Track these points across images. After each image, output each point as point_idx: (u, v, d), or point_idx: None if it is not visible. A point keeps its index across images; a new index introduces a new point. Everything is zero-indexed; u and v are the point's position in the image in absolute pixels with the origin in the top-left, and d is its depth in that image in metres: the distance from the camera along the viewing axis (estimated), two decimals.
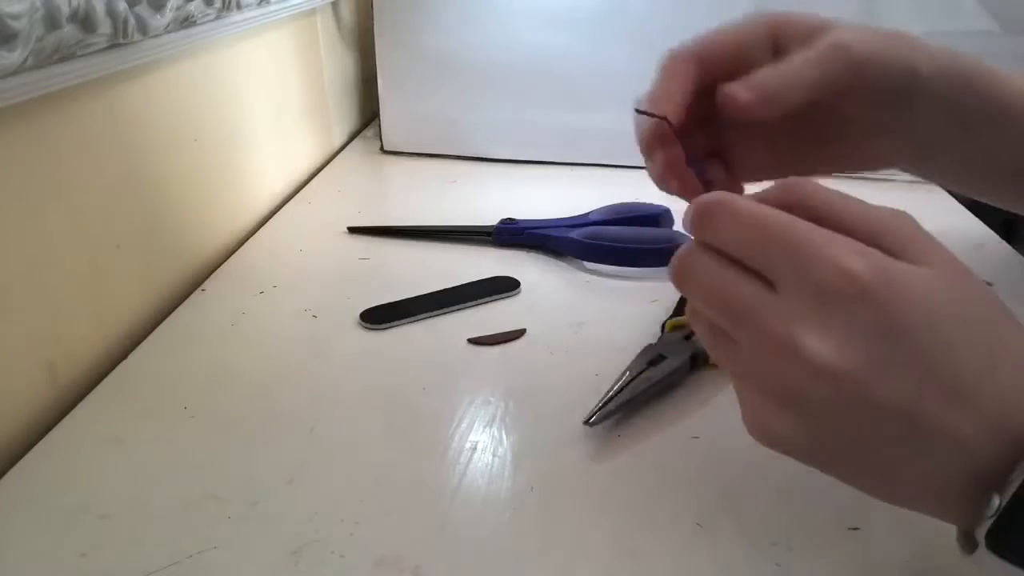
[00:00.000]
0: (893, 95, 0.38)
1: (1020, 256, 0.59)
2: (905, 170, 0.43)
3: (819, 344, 0.25)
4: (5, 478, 0.37)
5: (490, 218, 0.63)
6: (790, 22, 0.38)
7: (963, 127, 0.40)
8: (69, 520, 0.34)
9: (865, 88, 0.37)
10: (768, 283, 0.27)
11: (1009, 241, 0.61)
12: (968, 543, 0.26)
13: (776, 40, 0.38)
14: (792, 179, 0.29)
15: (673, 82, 0.37)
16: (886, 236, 0.27)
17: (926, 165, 0.42)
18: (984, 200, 0.46)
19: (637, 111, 0.37)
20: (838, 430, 0.26)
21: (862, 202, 0.28)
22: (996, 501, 0.25)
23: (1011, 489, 0.24)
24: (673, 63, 0.38)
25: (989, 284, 0.27)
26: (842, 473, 0.28)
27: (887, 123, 0.39)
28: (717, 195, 0.29)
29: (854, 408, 0.25)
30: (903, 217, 0.28)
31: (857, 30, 0.37)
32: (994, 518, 0.25)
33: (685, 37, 0.64)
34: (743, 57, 0.37)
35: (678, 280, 0.30)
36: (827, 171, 0.42)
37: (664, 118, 0.35)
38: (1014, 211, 0.46)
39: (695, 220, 0.29)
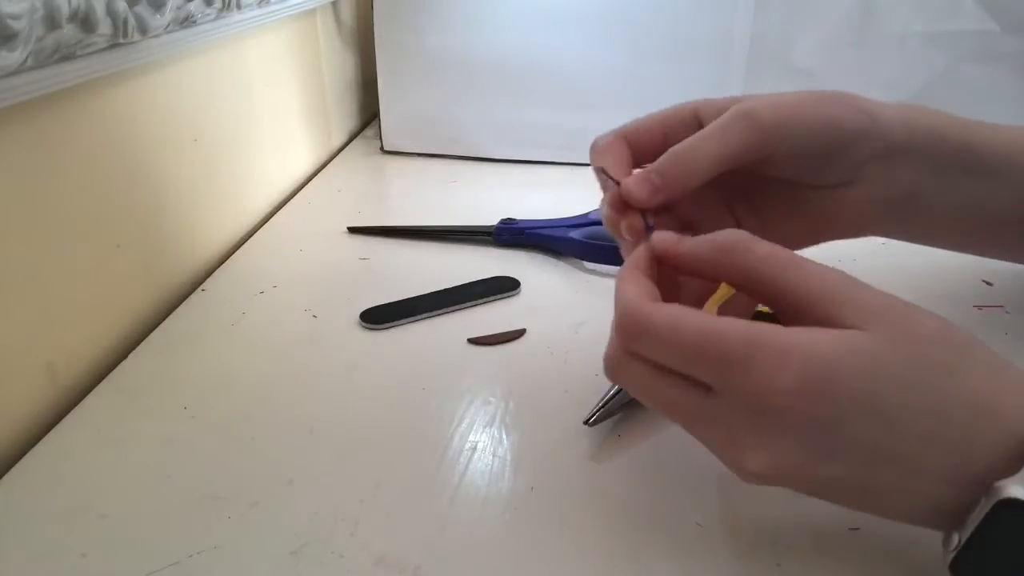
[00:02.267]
0: (825, 153, 0.36)
1: None
2: (893, 235, 0.42)
3: (760, 455, 0.27)
4: (5, 478, 0.37)
5: (490, 218, 0.63)
6: (710, 103, 0.38)
7: (937, 180, 0.39)
8: (69, 520, 0.34)
9: (788, 150, 0.36)
10: (704, 385, 0.28)
11: None
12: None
13: (699, 120, 0.38)
14: (730, 239, 0.30)
15: (610, 159, 0.38)
16: (821, 301, 0.28)
17: (910, 226, 0.42)
18: (984, 255, 0.46)
19: (599, 170, 0.38)
20: (807, 489, 0.28)
21: (796, 262, 0.29)
22: (956, 538, 0.26)
23: (969, 529, 0.26)
24: (604, 146, 0.39)
25: (988, 284, 0.28)
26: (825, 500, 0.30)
27: (840, 183, 0.38)
28: (637, 309, 0.29)
29: (810, 484, 0.28)
30: (835, 277, 0.28)
31: (772, 97, 0.36)
32: (955, 552, 0.26)
33: (684, 37, 0.66)
34: (670, 138, 0.38)
35: (614, 379, 0.32)
36: (805, 243, 0.40)
37: (618, 183, 0.36)
38: (1013, 261, 0.46)
39: (620, 332, 0.30)
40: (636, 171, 0.37)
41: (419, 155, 0.84)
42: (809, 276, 0.28)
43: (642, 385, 0.30)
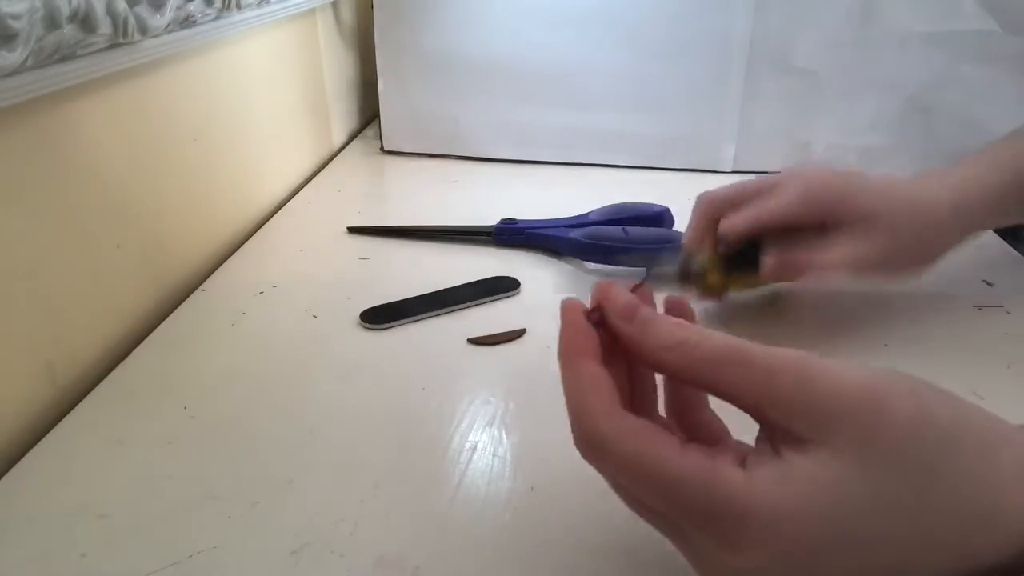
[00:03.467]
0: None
1: (1020, 255, 0.59)
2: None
3: None
4: (5, 478, 0.37)
5: (490, 218, 0.63)
6: (841, 207, 0.46)
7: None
8: (69, 520, 0.34)
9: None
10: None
11: (1009, 240, 0.61)
12: None
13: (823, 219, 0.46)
14: (686, 345, 0.26)
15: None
16: (773, 411, 0.25)
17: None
18: None
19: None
20: None
21: (744, 361, 0.25)
22: None
23: None
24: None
25: (989, 284, 0.27)
26: None
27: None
28: (591, 432, 0.26)
29: None
30: (788, 384, 0.24)
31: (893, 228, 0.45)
32: None
33: (685, 37, 0.66)
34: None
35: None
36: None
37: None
38: None
39: (578, 445, 0.27)
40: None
41: (419, 155, 0.84)
42: (751, 382, 0.25)
43: (612, 487, 0.28)
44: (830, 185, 0.46)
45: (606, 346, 0.29)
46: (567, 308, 0.30)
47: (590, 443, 0.26)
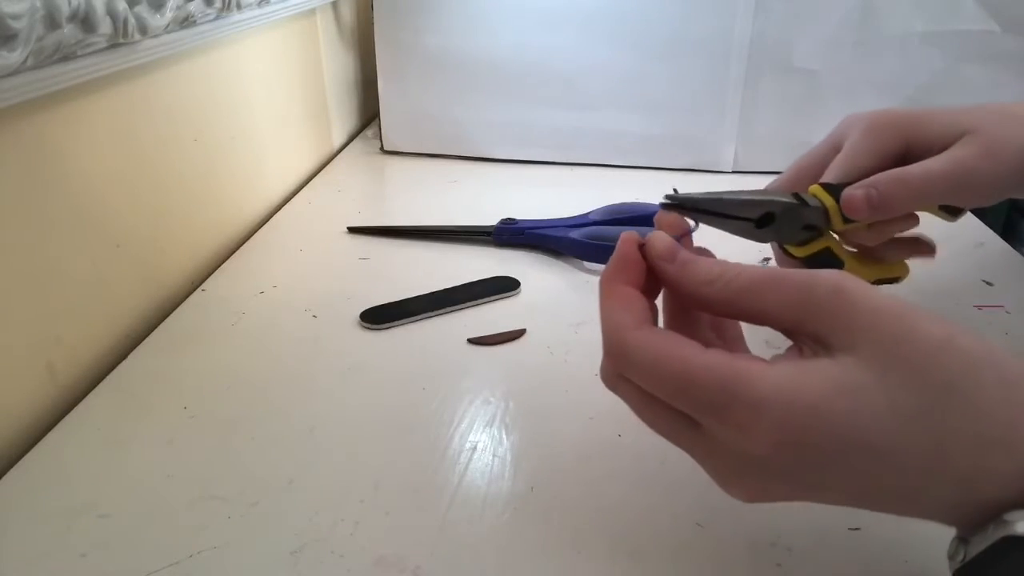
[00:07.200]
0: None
1: (1020, 256, 0.59)
2: None
3: (743, 491, 0.27)
4: (5, 478, 0.37)
5: (490, 218, 0.63)
6: (921, 131, 0.41)
7: None
8: (69, 520, 0.34)
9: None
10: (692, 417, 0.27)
11: (1009, 240, 0.61)
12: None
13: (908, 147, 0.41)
14: (726, 278, 0.28)
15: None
16: (808, 321, 0.26)
17: None
18: None
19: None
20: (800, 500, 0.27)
21: (775, 283, 0.27)
22: (962, 552, 0.25)
23: (974, 552, 0.25)
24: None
25: (989, 284, 0.27)
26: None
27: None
28: (619, 338, 0.28)
29: (802, 500, 0.27)
30: (821, 292, 0.26)
31: (987, 139, 0.39)
32: (960, 566, 0.25)
33: (685, 37, 0.66)
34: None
35: (612, 391, 0.30)
36: None
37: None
38: None
39: (608, 356, 0.28)
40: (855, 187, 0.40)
41: (419, 155, 0.84)
42: (790, 298, 0.27)
43: (635, 405, 0.29)
44: (899, 113, 0.42)
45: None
46: (623, 240, 0.31)
47: (617, 352, 0.28)
